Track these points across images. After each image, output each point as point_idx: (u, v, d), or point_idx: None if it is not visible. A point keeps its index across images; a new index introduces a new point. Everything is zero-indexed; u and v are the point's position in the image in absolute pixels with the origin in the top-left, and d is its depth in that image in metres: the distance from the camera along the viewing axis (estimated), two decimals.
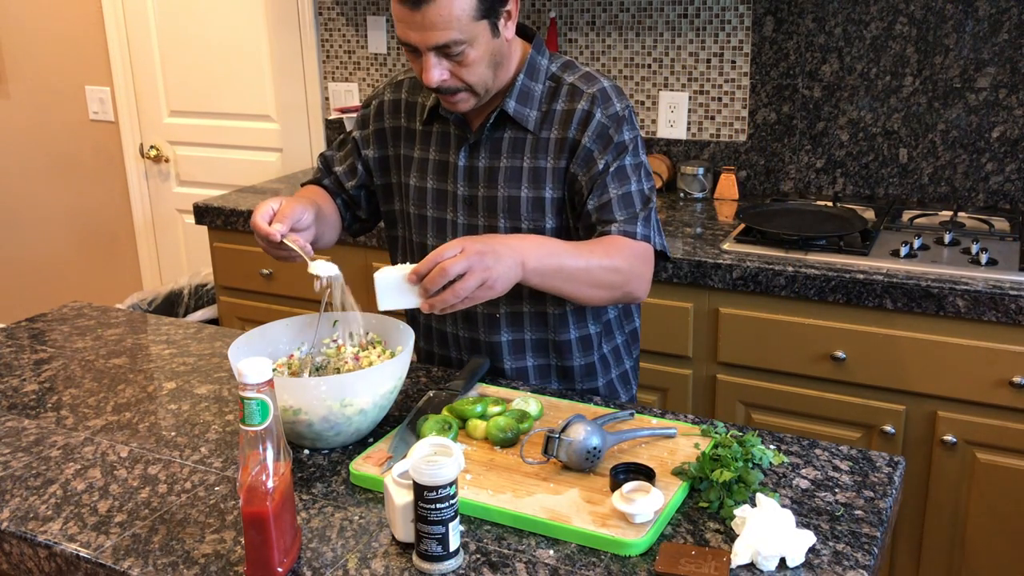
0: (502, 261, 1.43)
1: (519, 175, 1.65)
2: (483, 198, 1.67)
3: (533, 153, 1.64)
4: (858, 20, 2.61)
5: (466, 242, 1.43)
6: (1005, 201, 2.56)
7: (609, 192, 1.61)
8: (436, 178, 1.72)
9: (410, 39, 1.52)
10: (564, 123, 1.63)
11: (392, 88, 1.80)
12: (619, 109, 1.63)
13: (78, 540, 1.25)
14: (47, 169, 4.11)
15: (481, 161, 1.67)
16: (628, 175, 1.63)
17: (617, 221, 1.60)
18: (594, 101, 1.62)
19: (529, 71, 1.65)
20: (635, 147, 1.65)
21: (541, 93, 1.65)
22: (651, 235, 1.63)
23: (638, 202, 1.63)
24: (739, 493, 1.28)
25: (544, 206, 1.64)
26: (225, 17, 3.52)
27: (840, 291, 2.15)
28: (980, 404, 2.10)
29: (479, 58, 1.54)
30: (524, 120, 1.64)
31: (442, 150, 1.71)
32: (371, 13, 3.29)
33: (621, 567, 1.17)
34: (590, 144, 1.61)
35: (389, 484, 1.22)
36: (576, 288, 1.56)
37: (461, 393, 1.57)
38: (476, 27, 1.51)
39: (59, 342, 1.93)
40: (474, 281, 1.40)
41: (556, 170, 1.64)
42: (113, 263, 4.10)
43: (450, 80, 1.55)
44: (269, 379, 1.11)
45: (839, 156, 2.72)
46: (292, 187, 3.13)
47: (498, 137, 1.66)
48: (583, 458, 1.33)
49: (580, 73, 1.67)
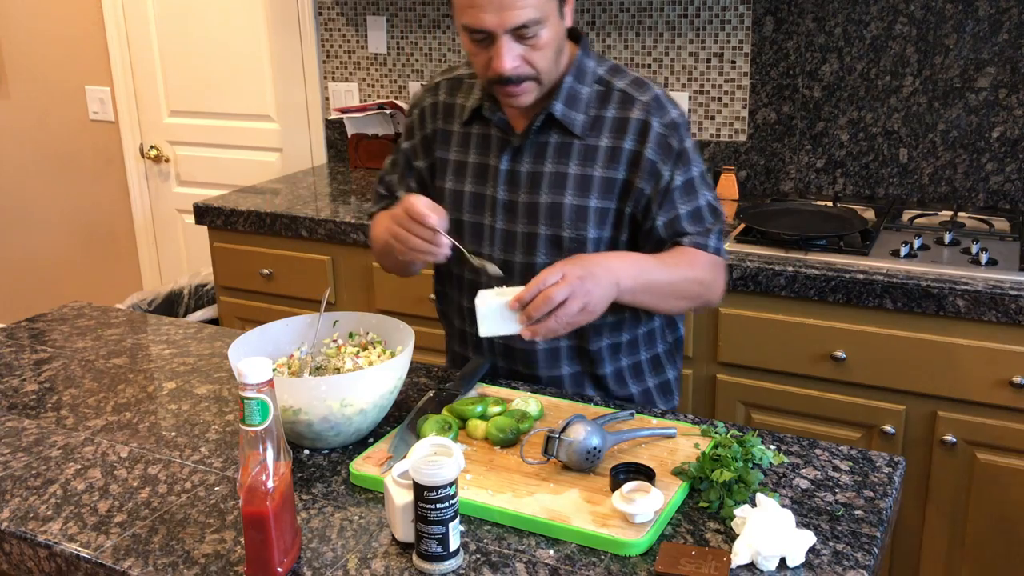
0: (600, 284, 1.43)
1: (564, 181, 1.60)
2: (523, 204, 1.63)
3: (581, 159, 1.60)
4: (858, 20, 2.61)
5: (566, 267, 1.42)
6: (1005, 201, 2.56)
7: (678, 208, 1.59)
8: (475, 182, 1.67)
9: (484, 23, 1.46)
10: (618, 131, 1.59)
11: (431, 92, 1.76)
12: (675, 116, 1.60)
13: (78, 540, 1.25)
14: (47, 169, 4.11)
15: (524, 165, 1.63)
16: (696, 188, 1.61)
17: (689, 235, 1.60)
18: (649, 110, 1.58)
19: (577, 73, 1.61)
20: (695, 155, 1.62)
21: (589, 96, 1.61)
22: (721, 247, 1.63)
23: (708, 216, 1.62)
24: (739, 493, 1.28)
25: (588, 215, 1.60)
26: (225, 17, 3.52)
27: (840, 291, 2.15)
28: (980, 404, 2.10)
29: (550, 41, 1.50)
30: (571, 124, 1.60)
31: (482, 153, 1.67)
32: (371, 13, 3.29)
33: (621, 567, 1.17)
34: (652, 155, 1.57)
35: (389, 484, 1.22)
36: (662, 301, 1.58)
37: (461, 393, 1.57)
38: (548, 5, 1.48)
39: (59, 342, 1.93)
40: (576, 306, 1.40)
41: (607, 179, 1.59)
42: (113, 263, 4.10)
43: (522, 66, 1.51)
44: (269, 379, 1.11)
45: (839, 156, 2.72)
46: (292, 187, 3.13)
47: (543, 141, 1.62)
48: (583, 458, 1.33)
49: (630, 79, 1.63)
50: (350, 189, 3.10)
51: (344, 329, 1.61)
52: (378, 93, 3.37)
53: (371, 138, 3.30)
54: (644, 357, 1.74)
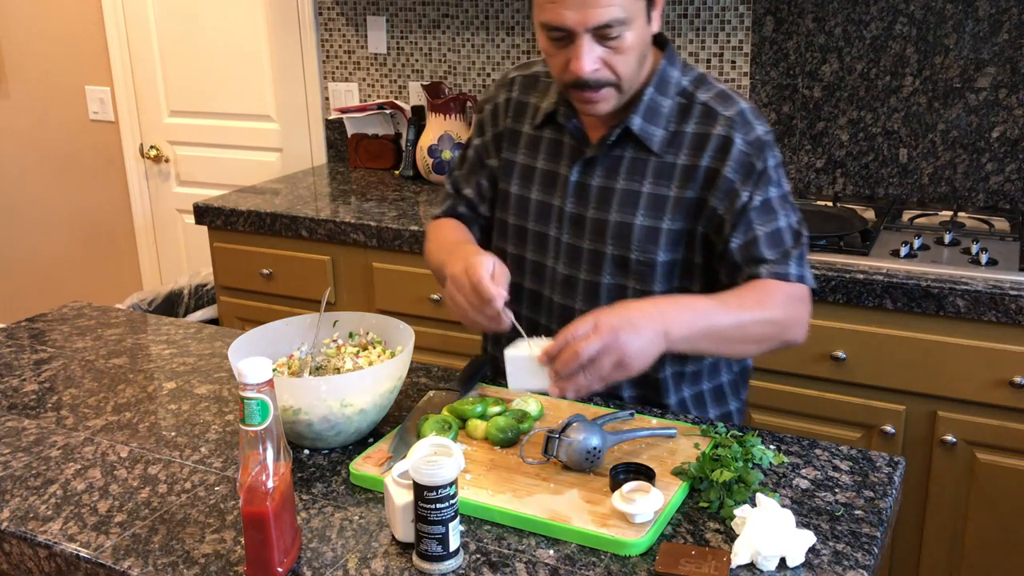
0: (641, 335, 1.27)
1: (636, 200, 1.50)
2: (591, 220, 1.54)
3: (655, 178, 1.50)
4: (858, 20, 2.61)
5: (600, 316, 1.27)
6: (1005, 201, 2.56)
7: (755, 229, 1.46)
8: (542, 189, 1.59)
9: (565, 21, 1.37)
10: (696, 148, 1.48)
11: (504, 87, 1.68)
12: (761, 133, 1.48)
13: (78, 540, 1.25)
14: (47, 169, 4.11)
15: (595, 179, 1.53)
16: (775, 208, 1.48)
17: (767, 262, 1.45)
18: (732, 125, 1.47)
19: (659, 84, 1.51)
20: (779, 175, 1.50)
21: (670, 110, 1.50)
22: (804, 273, 1.48)
23: (788, 238, 1.47)
24: (739, 493, 1.28)
25: (659, 237, 1.50)
26: (225, 17, 3.52)
27: (840, 291, 2.15)
28: (980, 404, 2.10)
29: (634, 45, 1.41)
30: (649, 140, 1.49)
31: (552, 160, 1.58)
32: (371, 13, 3.29)
33: (621, 567, 1.17)
34: (731, 175, 1.46)
35: (389, 484, 1.22)
36: (728, 348, 1.43)
37: (461, 393, 1.57)
38: (635, 6, 1.38)
39: (59, 342, 1.93)
40: (609, 362, 1.25)
41: (681, 199, 1.49)
42: (113, 263, 4.10)
43: (602, 70, 1.41)
44: (269, 379, 1.11)
45: (839, 156, 2.72)
46: (292, 187, 3.13)
47: (617, 155, 1.52)
48: (583, 458, 1.33)
49: (715, 91, 1.52)
50: (350, 189, 3.10)
51: (344, 329, 1.61)
52: (378, 93, 3.37)
53: (371, 138, 3.30)
54: (707, 387, 1.63)
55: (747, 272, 1.46)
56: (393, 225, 2.62)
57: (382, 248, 2.67)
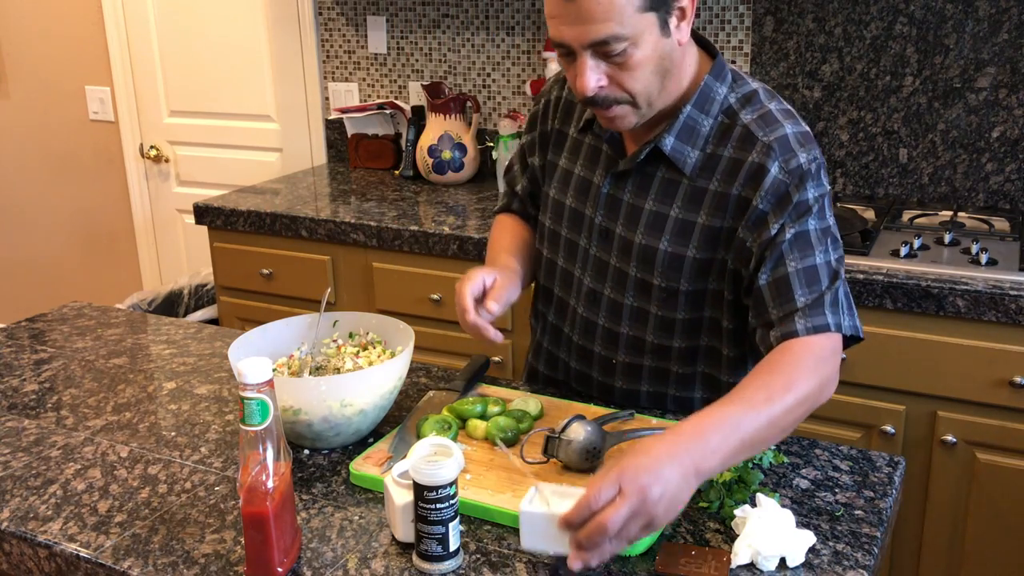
0: (670, 485, 1.10)
1: (663, 224, 1.42)
2: (619, 237, 1.47)
3: (685, 203, 1.41)
4: (858, 20, 2.61)
5: (624, 475, 1.09)
6: (1005, 201, 2.56)
7: (787, 265, 1.33)
8: (576, 196, 1.53)
9: (563, 37, 1.30)
10: (729, 174, 1.38)
11: (558, 85, 1.61)
12: (804, 162, 1.35)
13: (78, 540, 1.25)
14: (47, 169, 4.11)
15: (626, 195, 1.46)
16: (811, 243, 1.33)
17: (799, 309, 1.31)
18: (770, 153, 1.35)
19: (700, 101, 1.40)
20: (821, 208, 1.35)
21: (710, 130, 1.40)
22: (841, 320, 1.33)
23: (824, 277, 1.33)
24: (739, 493, 1.28)
25: (683, 265, 1.42)
26: (225, 17, 3.52)
27: None
28: (980, 404, 2.10)
29: (644, 61, 1.30)
30: (682, 163, 1.40)
31: (589, 167, 1.52)
32: (371, 13, 3.29)
33: (621, 567, 1.17)
34: (763, 205, 1.34)
35: (389, 484, 1.22)
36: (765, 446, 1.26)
37: (461, 393, 1.57)
38: (642, 20, 1.28)
39: (59, 342, 1.93)
40: (636, 526, 1.08)
41: (708, 228, 1.40)
42: (113, 263, 4.10)
43: (608, 87, 1.32)
44: (269, 379, 1.11)
45: (839, 156, 2.72)
46: (292, 187, 3.13)
47: (650, 172, 1.44)
48: (583, 458, 1.33)
49: (760, 111, 1.39)
50: (350, 189, 3.10)
51: (344, 329, 1.61)
52: (378, 93, 3.37)
53: (371, 138, 3.30)
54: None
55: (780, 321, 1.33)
56: (393, 225, 2.62)
57: (382, 248, 2.67)
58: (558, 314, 1.63)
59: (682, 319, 1.46)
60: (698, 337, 1.48)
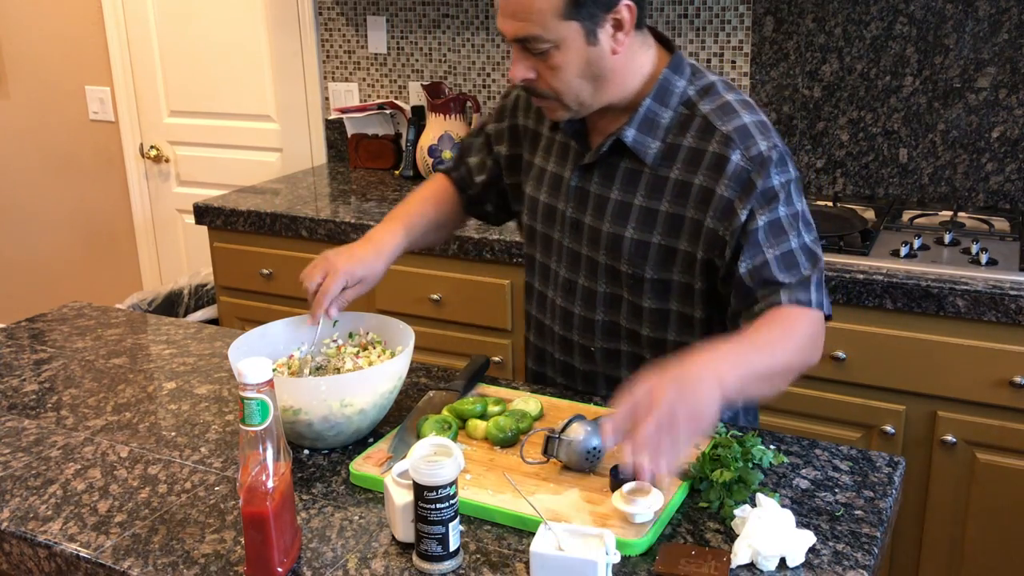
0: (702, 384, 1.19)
1: (628, 212, 1.48)
2: (588, 227, 1.53)
3: (648, 191, 1.46)
4: (858, 20, 2.61)
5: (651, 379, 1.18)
6: (1005, 201, 2.56)
7: (764, 252, 1.38)
8: (549, 192, 1.60)
9: (500, 26, 1.41)
10: (690, 163, 1.43)
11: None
12: (764, 149, 1.40)
13: (78, 540, 1.25)
14: (47, 169, 4.11)
15: (593, 186, 1.52)
16: (784, 229, 1.39)
17: (784, 286, 1.38)
18: (729, 142, 1.40)
19: (659, 94, 1.45)
20: (788, 194, 1.41)
21: (670, 122, 1.45)
22: (822, 299, 1.40)
23: (804, 260, 1.40)
24: (739, 493, 1.28)
25: (648, 252, 1.47)
26: (225, 17, 3.52)
27: (840, 291, 2.15)
28: (980, 404, 2.10)
29: (566, 64, 1.38)
30: (643, 153, 1.45)
31: (559, 163, 1.58)
32: (371, 13, 3.29)
33: (621, 567, 1.17)
34: (727, 193, 1.39)
35: (389, 484, 1.22)
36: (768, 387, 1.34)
37: (461, 393, 1.57)
38: (563, 28, 1.36)
39: (59, 342, 1.93)
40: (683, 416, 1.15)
41: (673, 216, 1.45)
42: (113, 263, 4.10)
43: (536, 81, 1.42)
44: (269, 379, 1.11)
45: (839, 156, 2.72)
46: (292, 187, 3.13)
47: (613, 164, 1.50)
48: (583, 458, 1.33)
49: (719, 102, 1.44)
50: (350, 189, 3.10)
51: (344, 329, 1.61)
52: (378, 93, 3.37)
53: (371, 138, 3.30)
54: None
55: (763, 297, 1.39)
56: None
57: None
58: (539, 307, 1.68)
59: (648, 308, 1.51)
60: (666, 330, 1.52)
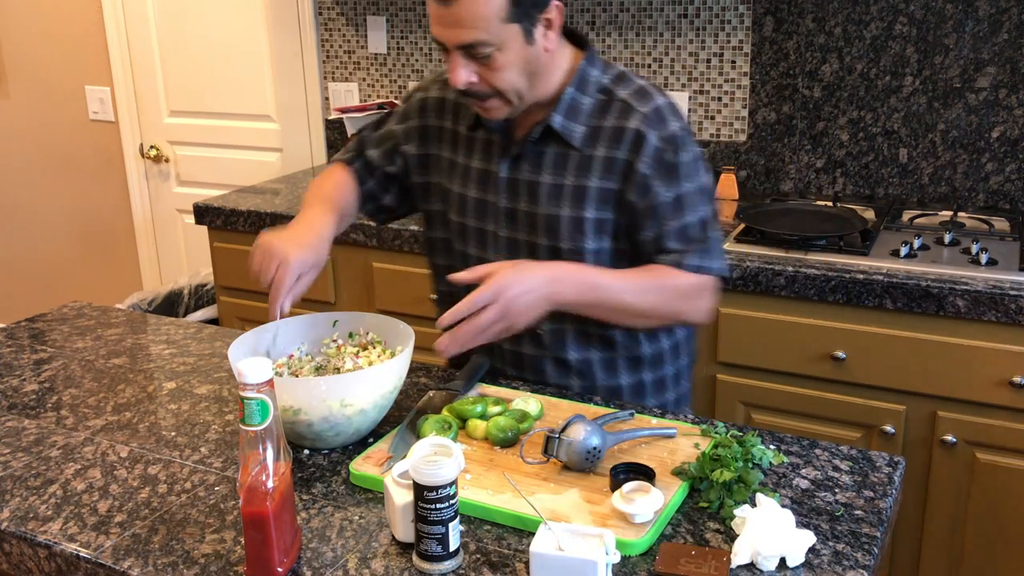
0: (530, 299, 1.44)
1: (560, 193, 1.58)
2: (524, 213, 1.61)
3: (577, 171, 1.57)
4: (858, 20, 2.61)
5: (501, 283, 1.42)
6: (1005, 201, 2.56)
7: (667, 223, 1.55)
8: (478, 188, 1.66)
9: (440, 36, 1.47)
10: (613, 141, 1.55)
11: (440, 85, 1.73)
12: (676, 129, 1.55)
13: (78, 540, 1.25)
14: (47, 169, 4.11)
15: (524, 174, 1.61)
16: (685, 204, 1.55)
17: (672, 252, 1.55)
18: (647, 121, 1.54)
19: (579, 83, 1.58)
20: (695, 170, 1.57)
21: (591, 107, 1.58)
22: (710, 265, 1.57)
23: (696, 232, 1.56)
24: (739, 493, 1.28)
25: (584, 226, 1.57)
26: (225, 17, 3.52)
27: (840, 291, 2.15)
28: (980, 404, 2.10)
29: (508, 64, 1.48)
30: (570, 136, 1.57)
31: (485, 159, 1.65)
32: (371, 13, 3.29)
33: (621, 567, 1.17)
34: (646, 170, 1.53)
35: (389, 484, 1.22)
36: (617, 317, 1.56)
37: (461, 393, 1.57)
38: (506, 30, 1.45)
39: (59, 342, 1.93)
40: (498, 328, 1.43)
41: (602, 190, 1.56)
42: (113, 263, 4.10)
43: (478, 84, 1.50)
44: (269, 379, 1.11)
45: (839, 156, 2.72)
46: (292, 187, 3.13)
47: (541, 151, 1.60)
48: (583, 458, 1.33)
49: (633, 87, 1.58)
50: None
51: (344, 329, 1.61)
52: (378, 93, 3.37)
53: None
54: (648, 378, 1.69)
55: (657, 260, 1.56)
56: (393, 225, 2.62)
57: (382, 248, 2.67)
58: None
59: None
60: None
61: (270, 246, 1.55)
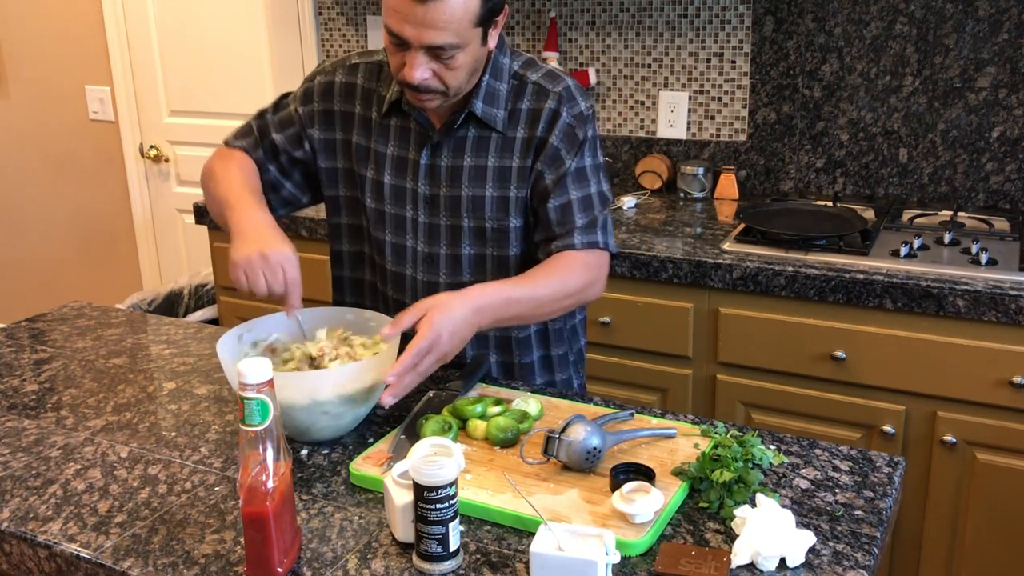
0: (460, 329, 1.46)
1: (484, 174, 1.65)
2: (445, 197, 1.66)
3: (499, 152, 1.65)
4: (858, 20, 2.61)
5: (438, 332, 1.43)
6: (1005, 201, 2.56)
7: (570, 194, 1.63)
8: (395, 174, 1.69)
9: (404, 33, 1.47)
10: (532, 122, 1.64)
11: (346, 70, 1.73)
12: (584, 108, 1.65)
13: (78, 540, 1.25)
14: (47, 169, 4.11)
15: (444, 160, 1.66)
16: (588, 176, 1.65)
17: (577, 228, 1.63)
18: (560, 100, 1.63)
19: (493, 71, 1.64)
20: (594, 147, 1.67)
21: (507, 93, 1.65)
22: (607, 239, 1.67)
23: (597, 204, 1.66)
24: (739, 493, 1.28)
25: (508, 205, 1.65)
26: (225, 17, 3.52)
27: (840, 291, 2.15)
28: (980, 404, 2.10)
29: (465, 64, 1.53)
30: (492, 120, 1.64)
31: (401, 146, 1.68)
32: (371, 13, 3.29)
33: (621, 567, 1.17)
34: (557, 143, 1.63)
35: (389, 484, 1.22)
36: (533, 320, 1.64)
37: (461, 393, 1.57)
38: (471, 33, 1.50)
39: (59, 342, 1.93)
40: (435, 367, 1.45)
41: (523, 168, 1.64)
42: (113, 263, 4.10)
43: (432, 80, 1.52)
44: (269, 379, 1.11)
45: (839, 156, 2.72)
46: None
47: (462, 136, 1.65)
48: (583, 458, 1.33)
49: (543, 71, 1.67)
50: None
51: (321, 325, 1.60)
52: None
53: None
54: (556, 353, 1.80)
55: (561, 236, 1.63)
56: None
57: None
58: (396, 288, 1.74)
59: (515, 255, 1.68)
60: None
61: (261, 256, 1.49)
